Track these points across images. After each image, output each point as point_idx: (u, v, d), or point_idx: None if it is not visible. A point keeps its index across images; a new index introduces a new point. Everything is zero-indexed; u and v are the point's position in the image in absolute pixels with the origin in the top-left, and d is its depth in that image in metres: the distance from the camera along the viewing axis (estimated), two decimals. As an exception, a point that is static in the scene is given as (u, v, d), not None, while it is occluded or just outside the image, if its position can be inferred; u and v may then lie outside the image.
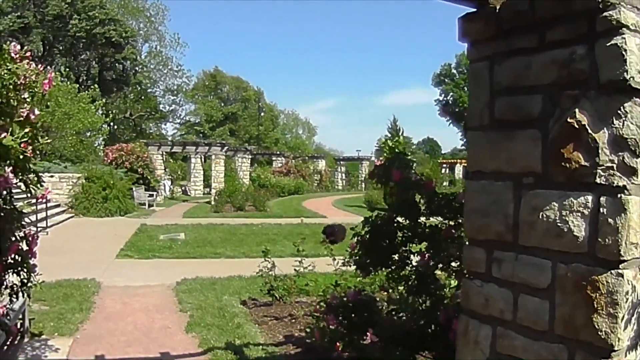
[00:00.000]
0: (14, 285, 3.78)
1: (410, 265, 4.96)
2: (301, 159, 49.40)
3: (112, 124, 48.77)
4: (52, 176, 22.46)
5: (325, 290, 7.39)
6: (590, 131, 2.46)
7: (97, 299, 9.02)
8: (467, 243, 3.27)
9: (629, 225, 2.34)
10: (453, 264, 4.70)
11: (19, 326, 6.73)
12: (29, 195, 3.75)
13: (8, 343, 6.43)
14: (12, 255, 3.62)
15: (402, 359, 3.82)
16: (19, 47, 3.63)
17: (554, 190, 2.63)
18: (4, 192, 3.44)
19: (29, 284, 3.87)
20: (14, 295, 3.80)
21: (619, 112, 2.38)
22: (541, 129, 2.69)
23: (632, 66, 2.33)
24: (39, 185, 3.69)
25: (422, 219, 4.98)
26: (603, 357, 2.43)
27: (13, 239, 3.43)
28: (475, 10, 3.11)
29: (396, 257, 4.97)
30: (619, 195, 2.37)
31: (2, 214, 3.37)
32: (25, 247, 3.57)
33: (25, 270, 3.80)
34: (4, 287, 3.65)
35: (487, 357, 3.04)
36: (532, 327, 2.75)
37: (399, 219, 5.03)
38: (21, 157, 3.39)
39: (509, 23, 2.87)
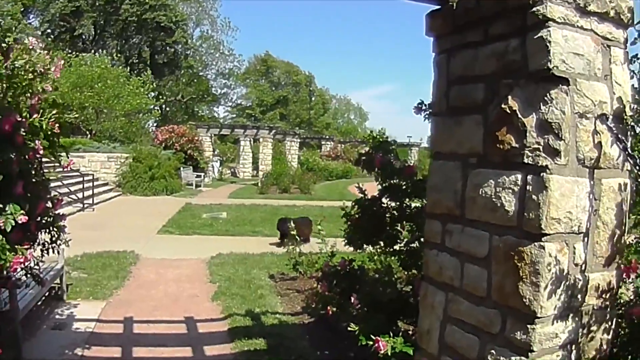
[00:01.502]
0: (46, 243, 4.35)
1: (401, 242, 5.34)
2: (350, 144, 49.59)
3: (163, 106, 49.88)
4: (87, 154, 23.39)
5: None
6: (520, 116, 2.74)
7: (134, 269, 9.61)
8: (426, 217, 3.59)
9: (550, 201, 2.62)
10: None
11: (56, 289, 7.36)
12: (57, 165, 4.28)
13: (45, 302, 7.07)
14: (44, 217, 4.18)
15: (383, 323, 4.15)
16: (34, 41, 4.10)
17: (491, 169, 2.93)
18: (36, 164, 3.96)
19: (58, 242, 4.42)
20: (45, 251, 4.35)
21: (545, 98, 2.65)
22: (483, 115, 2.98)
23: (555, 56, 2.59)
24: (65, 158, 4.21)
25: (407, 201, 5.35)
26: (528, 323, 2.71)
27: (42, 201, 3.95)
28: (439, 7, 3.40)
29: (385, 235, 5.35)
30: (541, 174, 2.65)
31: (34, 181, 3.89)
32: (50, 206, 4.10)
33: (55, 229, 4.37)
34: (36, 244, 4.20)
35: (441, 320, 3.37)
36: (474, 293, 3.06)
37: (386, 201, 5.42)
38: (49, 133, 3.92)
39: (462, 19, 3.16)
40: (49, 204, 4.17)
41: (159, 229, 14.45)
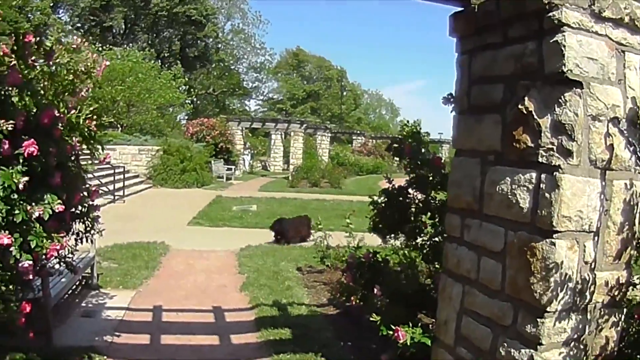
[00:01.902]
0: (80, 232, 4.58)
1: (425, 235, 5.45)
2: (382, 140, 49.53)
3: (195, 99, 50.23)
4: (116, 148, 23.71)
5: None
6: (535, 116, 2.85)
7: (164, 259, 9.82)
8: (447, 211, 3.72)
9: (561, 200, 2.73)
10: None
11: (87, 278, 7.59)
12: (94, 159, 4.52)
13: (76, 291, 7.33)
14: (79, 208, 4.41)
15: (404, 314, 4.28)
16: (79, 40, 4.31)
17: (508, 167, 3.04)
18: (73, 157, 4.19)
19: (92, 231, 4.65)
20: (79, 240, 4.58)
21: (559, 100, 2.76)
22: (502, 114, 3.10)
23: (569, 60, 2.70)
24: (101, 152, 4.43)
25: (433, 193, 5.45)
26: (538, 317, 2.83)
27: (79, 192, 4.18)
28: (461, 9, 3.51)
29: (409, 226, 5.46)
30: (554, 174, 2.76)
31: (71, 172, 4.11)
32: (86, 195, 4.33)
33: (89, 220, 4.59)
34: (71, 233, 4.43)
35: (458, 312, 3.50)
36: (489, 286, 3.19)
37: (412, 191, 5.54)
38: (86, 129, 4.15)
39: (482, 21, 3.28)
40: (85, 195, 4.39)
41: (189, 221, 14.67)
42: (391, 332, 3.89)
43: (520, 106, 2.91)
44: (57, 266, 4.69)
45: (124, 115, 31.54)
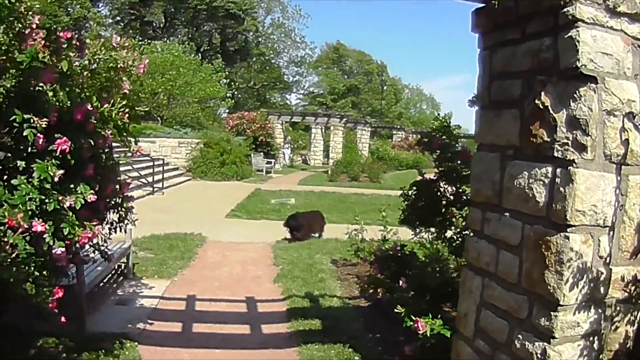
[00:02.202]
0: (114, 222, 4.78)
1: (456, 228, 5.49)
2: (421, 134, 49.16)
3: (235, 92, 50.62)
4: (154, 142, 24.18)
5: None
6: (551, 111, 2.87)
7: (200, 250, 10.06)
8: (470, 205, 3.77)
9: (575, 194, 2.75)
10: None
11: (123, 267, 7.85)
12: (127, 151, 4.71)
13: (112, 279, 7.58)
14: (114, 198, 4.60)
15: (429, 307, 4.34)
16: (119, 38, 4.49)
17: (525, 161, 3.08)
18: (107, 149, 4.38)
19: (125, 221, 4.85)
20: (113, 229, 4.78)
21: (574, 95, 2.78)
22: (520, 109, 3.13)
23: (583, 55, 2.72)
24: (134, 144, 4.62)
25: (463, 186, 5.48)
26: (551, 310, 2.86)
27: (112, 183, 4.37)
28: (483, 5, 3.54)
29: (439, 219, 5.51)
30: (568, 168, 2.78)
31: (104, 164, 4.30)
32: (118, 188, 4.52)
33: (123, 210, 4.79)
34: (105, 222, 4.63)
35: (477, 305, 3.55)
36: (506, 279, 3.23)
37: (443, 185, 5.58)
38: (119, 122, 4.34)
39: (502, 18, 3.31)
40: (118, 186, 4.57)
41: (227, 213, 14.92)
42: (412, 323, 3.96)
43: (537, 101, 2.94)
44: (92, 254, 4.90)
45: (164, 108, 32.09)
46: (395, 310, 4.33)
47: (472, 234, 3.69)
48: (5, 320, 4.64)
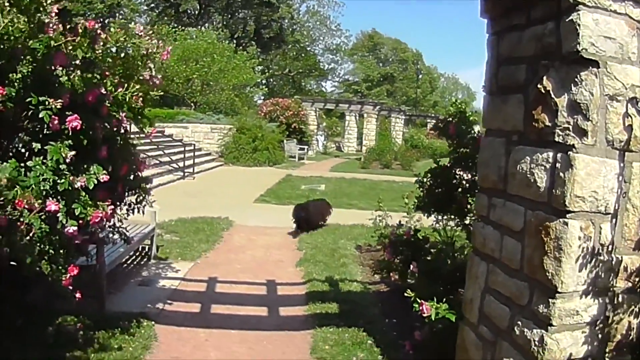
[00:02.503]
0: (132, 203, 4.92)
1: (473, 215, 5.45)
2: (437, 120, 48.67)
3: (271, 79, 50.66)
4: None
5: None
6: (553, 96, 2.84)
7: (226, 234, 10.20)
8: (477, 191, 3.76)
9: (575, 179, 2.72)
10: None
11: (147, 249, 8.02)
12: (142, 134, 4.85)
13: (135, 261, 7.74)
14: (131, 180, 4.73)
15: (440, 292, 4.33)
16: (141, 27, 4.61)
17: (528, 146, 3.05)
18: (122, 131, 4.50)
19: (143, 203, 4.98)
20: (131, 210, 4.92)
21: (576, 79, 2.74)
22: (525, 94, 3.10)
23: (584, 39, 2.67)
24: (148, 127, 4.74)
25: None
26: (550, 297, 2.84)
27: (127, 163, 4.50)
28: (492, -10, 3.51)
29: (455, 206, 5.48)
30: (568, 153, 2.76)
31: (118, 147, 4.43)
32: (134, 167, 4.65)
33: (141, 191, 4.92)
34: (123, 204, 4.76)
35: (482, 290, 3.55)
36: (509, 265, 3.23)
37: (458, 171, 5.54)
38: (133, 106, 4.46)
39: (509, 3, 3.28)
40: (133, 167, 4.69)
41: (256, 198, 15.02)
42: (416, 306, 3.98)
43: (539, 85, 2.91)
44: (112, 236, 5.04)
45: (198, 94, 32.38)
46: (405, 294, 4.34)
47: (479, 220, 3.68)
48: (27, 300, 4.81)
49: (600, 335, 2.92)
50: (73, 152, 3.50)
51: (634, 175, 2.84)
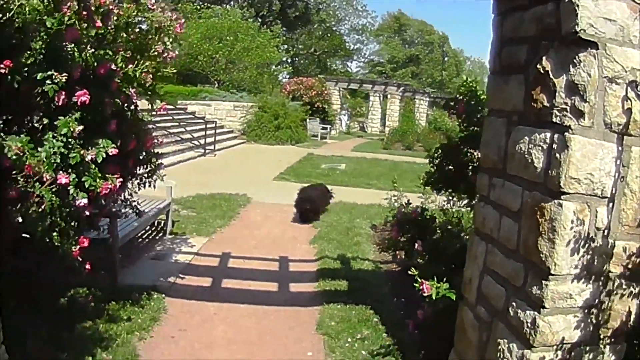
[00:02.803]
0: (142, 177, 5.02)
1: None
2: (447, 99, 48.06)
3: (296, 58, 50.39)
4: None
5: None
6: (552, 76, 2.82)
7: (243, 210, 10.34)
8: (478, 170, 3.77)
9: (570, 160, 2.71)
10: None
11: (162, 224, 8.15)
12: (152, 109, 4.93)
13: (150, 235, 7.87)
14: (140, 154, 4.82)
15: (444, 272, 4.34)
16: (153, 0, 4.65)
17: (527, 126, 3.04)
18: (132, 107, 4.58)
19: (154, 177, 5.07)
20: (142, 185, 5.02)
21: (574, 60, 2.72)
22: (525, 75, 3.09)
23: (582, 20, 2.64)
24: (158, 103, 4.83)
25: None
26: (543, 279, 2.85)
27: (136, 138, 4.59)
28: (498, -31, 3.48)
29: (465, 185, 5.46)
30: (564, 134, 2.75)
31: (127, 121, 4.51)
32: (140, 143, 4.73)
33: (152, 165, 5.02)
34: (135, 178, 4.87)
35: (481, 270, 3.57)
36: (506, 245, 3.23)
37: (468, 149, 5.53)
38: (142, 82, 4.53)
39: (513, -18, 3.24)
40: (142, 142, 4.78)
41: (275, 176, 15.15)
42: (417, 285, 4.01)
43: (538, 66, 2.89)
44: (125, 210, 5.15)
45: (222, 72, 32.45)
46: (409, 272, 4.37)
47: (479, 200, 3.70)
48: (41, 274, 4.95)
49: (594, 321, 2.91)
50: (81, 127, 3.58)
51: (632, 160, 2.80)
